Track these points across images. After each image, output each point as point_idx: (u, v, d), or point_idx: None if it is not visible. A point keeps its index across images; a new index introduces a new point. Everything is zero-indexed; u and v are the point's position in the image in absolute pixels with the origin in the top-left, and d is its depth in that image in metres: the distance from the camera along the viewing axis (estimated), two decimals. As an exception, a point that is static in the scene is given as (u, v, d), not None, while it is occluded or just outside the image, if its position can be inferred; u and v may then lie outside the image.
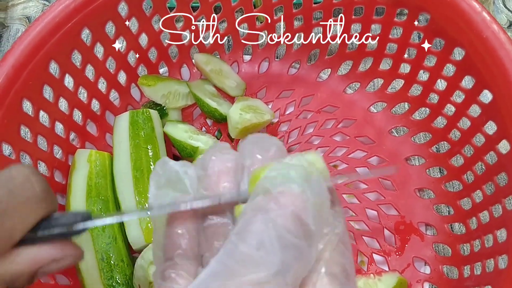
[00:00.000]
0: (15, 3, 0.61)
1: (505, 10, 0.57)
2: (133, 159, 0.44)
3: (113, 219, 0.22)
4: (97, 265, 0.40)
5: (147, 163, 0.44)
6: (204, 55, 0.51)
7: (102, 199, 0.42)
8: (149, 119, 0.45)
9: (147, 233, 0.41)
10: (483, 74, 0.37)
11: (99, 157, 0.44)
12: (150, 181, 0.22)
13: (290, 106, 0.52)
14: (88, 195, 0.42)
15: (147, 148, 0.44)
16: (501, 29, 0.36)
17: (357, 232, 0.46)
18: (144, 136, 0.45)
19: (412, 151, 0.48)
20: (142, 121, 0.45)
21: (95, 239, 0.41)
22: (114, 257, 0.40)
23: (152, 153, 0.44)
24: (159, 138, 0.46)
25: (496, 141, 0.38)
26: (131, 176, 0.43)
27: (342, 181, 0.25)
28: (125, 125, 0.45)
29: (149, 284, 0.39)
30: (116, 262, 0.40)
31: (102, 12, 0.41)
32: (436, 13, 0.40)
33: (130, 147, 0.44)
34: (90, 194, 0.42)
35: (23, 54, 0.38)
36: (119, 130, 0.46)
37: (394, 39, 0.46)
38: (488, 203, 0.40)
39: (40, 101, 0.41)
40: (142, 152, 0.44)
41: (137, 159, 0.44)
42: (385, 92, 0.50)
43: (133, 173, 0.43)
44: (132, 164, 0.44)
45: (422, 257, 0.44)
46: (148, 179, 0.43)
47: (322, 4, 0.47)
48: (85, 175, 0.43)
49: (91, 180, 0.43)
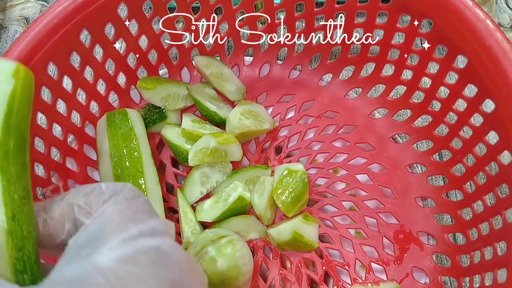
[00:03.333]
0: (13, 4, 0.61)
1: (508, 10, 0.56)
2: (113, 158, 0.44)
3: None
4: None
5: (127, 161, 0.44)
6: (204, 58, 0.50)
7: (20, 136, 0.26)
8: (126, 118, 0.46)
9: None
10: (486, 83, 0.37)
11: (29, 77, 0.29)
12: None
13: (291, 110, 0.51)
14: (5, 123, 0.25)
15: (126, 146, 0.45)
16: (505, 38, 0.35)
17: (355, 241, 0.45)
18: (123, 135, 0.45)
19: (413, 158, 0.48)
20: (119, 121, 0.45)
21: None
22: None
23: (132, 151, 0.45)
24: (140, 136, 0.46)
25: (498, 151, 0.37)
26: (112, 174, 0.43)
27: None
28: (103, 126, 0.46)
29: None
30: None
31: (102, 14, 0.41)
32: (439, 20, 0.39)
33: (109, 147, 0.45)
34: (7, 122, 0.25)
35: (21, 55, 0.37)
36: (99, 132, 0.46)
37: (397, 45, 0.45)
38: (489, 214, 0.39)
39: (38, 102, 0.40)
40: (122, 151, 0.44)
41: (117, 157, 0.44)
42: (387, 98, 0.49)
43: (114, 172, 0.43)
44: (112, 163, 0.44)
45: (421, 267, 0.44)
46: (129, 177, 0.43)
47: (324, 9, 0.46)
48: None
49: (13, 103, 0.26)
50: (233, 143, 0.45)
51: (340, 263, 0.44)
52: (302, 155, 0.49)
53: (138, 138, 0.45)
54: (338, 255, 0.45)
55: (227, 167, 0.46)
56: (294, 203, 0.43)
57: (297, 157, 0.49)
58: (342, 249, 0.45)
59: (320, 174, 0.48)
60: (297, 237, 0.42)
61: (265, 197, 0.44)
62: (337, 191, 0.47)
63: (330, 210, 0.47)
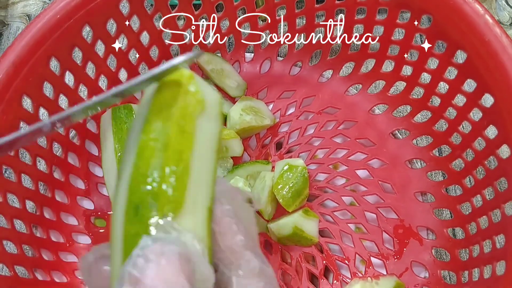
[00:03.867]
0: (16, 1, 0.61)
1: (507, 7, 0.56)
2: (117, 153, 0.44)
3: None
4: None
5: None
6: (205, 54, 0.50)
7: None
8: (131, 113, 0.46)
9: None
10: (484, 78, 0.37)
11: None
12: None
13: (291, 106, 0.52)
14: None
15: None
16: (503, 33, 0.36)
17: (355, 235, 0.45)
18: (128, 130, 0.45)
19: (413, 154, 0.48)
20: (124, 116, 0.46)
21: None
22: None
23: None
24: None
25: (497, 145, 0.38)
26: (116, 169, 0.44)
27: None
28: (108, 121, 0.46)
29: None
30: None
31: (104, 10, 0.41)
32: (438, 16, 0.40)
33: (114, 141, 0.45)
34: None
35: (23, 51, 0.38)
36: (103, 127, 0.46)
37: (397, 41, 0.46)
38: (488, 208, 0.39)
39: (40, 97, 0.41)
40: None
41: (122, 152, 0.44)
42: (387, 94, 0.50)
43: (118, 166, 0.44)
44: (116, 158, 0.44)
45: (420, 261, 0.44)
46: None
47: (324, 5, 0.47)
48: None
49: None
50: (234, 138, 0.45)
51: (340, 258, 0.45)
52: (302, 150, 0.49)
53: None
54: (338, 249, 0.45)
55: (228, 163, 0.47)
56: (294, 198, 0.43)
57: (298, 152, 0.49)
58: (342, 244, 0.45)
59: (320, 170, 0.48)
60: (298, 232, 0.43)
61: (266, 192, 0.44)
62: (337, 186, 0.48)
63: (330, 205, 0.47)
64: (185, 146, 0.22)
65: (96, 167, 0.48)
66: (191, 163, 0.22)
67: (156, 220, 0.20)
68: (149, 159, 0.21)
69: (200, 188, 0.22)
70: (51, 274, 0.41)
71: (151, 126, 0.22)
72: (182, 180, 0.21)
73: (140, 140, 0.22)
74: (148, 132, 0.22)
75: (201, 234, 0.21)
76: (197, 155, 0.22)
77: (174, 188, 0.21)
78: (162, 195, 0.21)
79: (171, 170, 0.21)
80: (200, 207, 0.22)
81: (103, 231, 0.47)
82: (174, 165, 0.21)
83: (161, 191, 0.21)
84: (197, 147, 0.22)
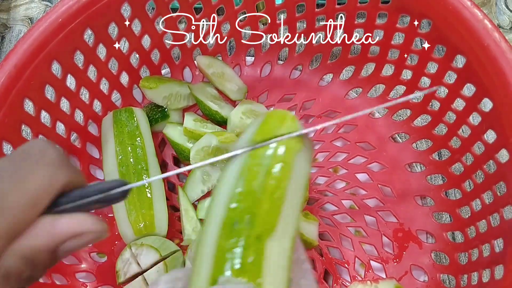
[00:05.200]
0: (18, 4, 0.62)
1: (507, 11, 0.57)
2: (118, 156, 0.45)
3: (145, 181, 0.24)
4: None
5: (132, 159, 0.45)
6: (206, 58, 0.51)
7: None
8: (132, 117, 0.46)
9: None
10: (483, 82, 0.37)
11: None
12: None
13: (292, 110, 0.52)
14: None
15: (132, 144, 0.45)
16: (502, 38, 0.36)
17: (355, 239, 0.46)
18: (128, 133, 0.45)
19: (413, 158, 0.48)
20: (125, 119, 0.46)
21: None
22: None
23: (137, 149, 0.45)
24: (145, 134, 0.47)
25: (496, 149, 0.38)
26: (117, 172, 0.44)
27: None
28: (109, 124, 0.46)
29: None
30: None
31: (105, 13, 0.42)
32: (438, 20, 0.40)
33: (115, 144, 0.45)
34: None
35: (25, 54, 0.38)
36: (105, 130, 0.47)
37: (396, 45, 0.46)
38: (487, 212, 0.39)
39: (42, 101, 0.41)
40: (127, 148, 0.45)
41: (123, 155, 0.45)
42: (387, 98, 0.50)
43: (119, 169, 0.44)
44: (117, 161, 0.44)
45: (420, 265, 0.44)
46: (134, 174, 0.44)
47: (324, 9, 0.47)
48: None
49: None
50: (235, 142, 0.45)
51: (340, 261, 0.45)
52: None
53: (143, 136, 0.46)
54: (337, 253, 0.45)
55: (228, 166, 0.47)
56: (294, 201, 0.43)
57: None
58: (342, 247, 0.45)
59: (320, 173, 0.49)
60: (297, 235, 0.43)
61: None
62: (337, 190, 0.48)
63: (330, 209, 0.47)
64: (284, 176, 0.23)
65: (97, 170, 0.48)
66: (286, 192, 0.23)
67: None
68: (251, 181, 0.23)
69: (290, 218, 0.24)
70: (52, 276, 0.41)
71: (256, 152, 0.24)
72: (278, 205, 0.23)
73: (244, 163, 0.24)
74: (254, 157, 0.24)
75: (283, 264, 0.23)
76: (291, 186, 0.24)
77: (270, 211, 0.23)
78: (259, 215, 0.22)
79: (270, 194, 0.23)
80: (288, 235, 0.23)
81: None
82: (272, 190, 0.23)
83: (258, 211, 0.22)
84: (293, 179, 0.24)
